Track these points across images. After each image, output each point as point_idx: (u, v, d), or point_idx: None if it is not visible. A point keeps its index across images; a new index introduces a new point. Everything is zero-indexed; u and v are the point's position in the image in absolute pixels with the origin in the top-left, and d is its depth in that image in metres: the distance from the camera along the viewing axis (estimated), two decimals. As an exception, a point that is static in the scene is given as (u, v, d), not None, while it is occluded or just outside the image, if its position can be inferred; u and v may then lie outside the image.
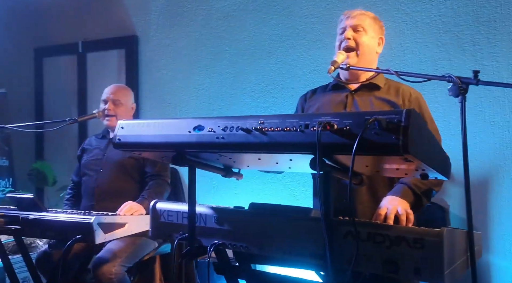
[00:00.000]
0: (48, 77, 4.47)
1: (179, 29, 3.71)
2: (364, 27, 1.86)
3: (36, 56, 4.50)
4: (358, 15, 1.88)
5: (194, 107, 3.63)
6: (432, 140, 1.23)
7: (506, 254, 2.58)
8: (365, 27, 1.87)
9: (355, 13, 1.89)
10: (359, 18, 1.87)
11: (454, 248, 1.20)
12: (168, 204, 1.65)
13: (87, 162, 2.77)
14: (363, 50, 1.84)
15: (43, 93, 4.47)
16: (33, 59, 4.50)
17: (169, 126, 1.42)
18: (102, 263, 2.23)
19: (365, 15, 1.89)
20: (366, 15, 1.89)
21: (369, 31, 1.87)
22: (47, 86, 4.46)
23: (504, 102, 2.64)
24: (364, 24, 1.87)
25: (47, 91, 4.45)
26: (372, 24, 1.89)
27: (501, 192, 2.64)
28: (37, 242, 3.37)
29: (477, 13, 2.72)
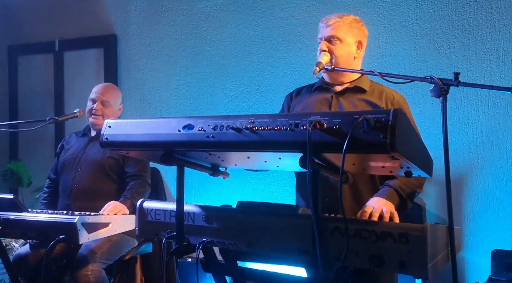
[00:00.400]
0: (23, 76, 4.36)
1: (159, 28, 3.70)
2: (339, 37, 1.87)
3: (10, 55, 4.39)
4: (334, 23, 1.87)
5: (174, 107, 3.63)
6: (417, 139, 1.28)
7: (479, 250, 2.69)
8: (340, 36, 1.87)
9: (332, 21, 1.88)
10: (333, 28, 1.87)
11: (436, 243, 1.25)
12: (155, 203, 1.65)
13: (65, 160, 2.74)
14: (337, 61, 1.87)
15: (17, 93, 4.36)
16: (7, 58, 4.39)
17: (158, 125, 1.43)
18: (79, 260, 2.21)
19: (341, 23, 1.88)
20: (342, 21, 1.88)
21: (344, 39, 1.88)
22: (22, 85, 4.36)
23: (477, 103, 2.75)
24: (339, 33, 1.87)
25: (22, 90, 4.35)
26: (348, 31, 1.89)
27: (475, 189, 2.75)
28: (13, 244, 3.30)
29: (452, 17, 2.82)
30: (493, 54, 2.72)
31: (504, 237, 2.65)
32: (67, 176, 2.69)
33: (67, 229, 1.91)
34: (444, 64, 2.82)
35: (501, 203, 2.69)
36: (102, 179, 2.63)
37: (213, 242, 1.50)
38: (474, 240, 2.72)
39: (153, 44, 3.73)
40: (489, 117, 2.72)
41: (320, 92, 2.00)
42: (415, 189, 1.79)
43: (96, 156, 2.65)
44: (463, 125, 2.78)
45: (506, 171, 2.68)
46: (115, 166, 2.64)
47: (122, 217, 2.24)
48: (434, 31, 2.85)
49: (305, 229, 1.33)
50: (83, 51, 4.09)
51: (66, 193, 2.65)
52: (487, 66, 2.74)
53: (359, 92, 1.92)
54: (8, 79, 4.38)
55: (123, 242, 2.51)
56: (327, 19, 1.92)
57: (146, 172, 2.71)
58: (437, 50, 2.85)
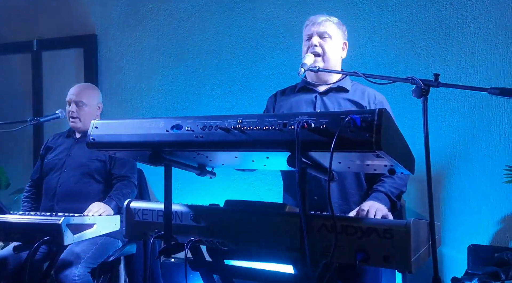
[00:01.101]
0: (0, 76, 4.28)
1: (141, 29, 3.69)
2: (329, 34, 1.94)
3: (-14, 54, 4.30)
4: (324, 21, 1.95)
5: (156, 108, 3.62)
6: (400, 138, 1.32)
7: (456, 245, 2.77)
8: (331, 33, 1.94)
9: (321, 20, 1.96)
10: (325, 25, 1.94)
11: (418, 238, 1.30)
12: (143, 203, 1.66)
13: (50, 161, 2.70)
14: (328, 57, 1.93)
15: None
16: (-17, 57, 4.30)
17: (147, 126, 1.44)
18: (65, 265, 2.19)
19: (330, 21, 1.96)
20: (331, 21, 1.96)
21: (334, 37, 1.95)
22: (-2, 85, 4.28)
23: (454, 104, 2.84)
24: (330, 31, 1.94)
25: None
26: (337, 30, 1.97)
27: (452, 187, 2.84)
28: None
29: (429, 20, 2.90)
30: (468, 56, 2.81)
31: (480, 232, 2.75)
32: (51, 177, 2.66)
33: (52, 230, 1.89)
34: (422, 65, 2.90)
35: (477, 200, 2.78)
36: (87, 180, 2.61)
37: (201, 241, 1.51)
38: (451, 235, 2.81)
39: (134, 44, 3.71)
40: (465, 117, 2.82)
41: (304, 92, 2.04)
42: (401, 189, 1.88)
43: (81, 158, 2.63)
44: (440, 125, 2.86)
45: (482, 169, 2.77)
46: (101, 168, 2.64)
47: (107, 217, 2.23)
48: (412, 33, 2.93)
49: (292, 226, 1.36)
50: (62, 51, 4.03)
51: (50, 194, 2.62)
52: (462, 67, 2.83)
53: (342, 91, 1.97)
54: (-16, 79, 4.29)
55: (108, 244, 2.50)
56: (316, 18, 1.98)
57: (133, 173, 2.70)
58: (415, 51, 2.93)
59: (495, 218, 2.73)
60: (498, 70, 2.75)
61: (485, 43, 2.78)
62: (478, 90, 1.43)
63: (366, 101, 1.93)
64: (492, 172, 2.72)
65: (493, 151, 2.75)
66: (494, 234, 2.72)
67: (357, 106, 1.90)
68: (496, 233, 2.72)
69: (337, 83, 1.98)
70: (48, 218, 1.97)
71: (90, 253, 2.34)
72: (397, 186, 1.84)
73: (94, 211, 2.26)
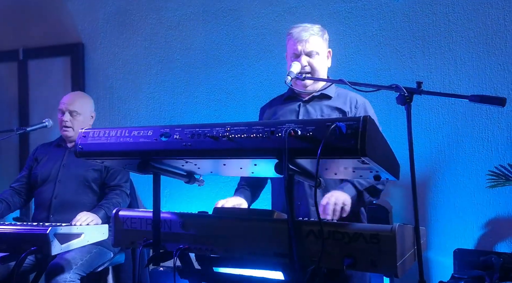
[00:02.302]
0: (-15, 85, 4.24)
1: (128, 37, 3.69)
2: (317, 51, 1.96)
3: (-29, 63, 4.26)
4: (309, 37, 1.94)
5: (145, 116, 3.61)
6: (385, 144, 1.35)
7: (442, 250, 2.81)
8: (318, 49, 1.96)
9: (306, 37, 1.94)
10: (310, 42, 1.94)
11: (404, 242, 1.33)
12: (131, 212, 1.66)
13: (42, 172, 2.67)
14: (319, 73, 1.97)
15: (-21, 103, 4.24)
16: (-32, 66, 4.26)
17: (135, 134, 1.45)
18: (57, 270, 2.18)
19: (315, 36, 1.96)
20: (315, 35, 1.96)
21: (321, 51, 1.98)
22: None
23: (438, 110, 2.89)
24: (317, 47, 1.96)
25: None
26: (322, 43, 1.99)
27: (437, 192, 2.88)
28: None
29: (413, 28, 2.96)
30: (452, 63, 2.87)
31: (466, 236, 2.79)
32: (44, 189, 2.63)
33: (39, 240, 1.88)
34: (407, 72, 2.96)
35: (462, 205, 2.83)
36: (84, 191, 2.60)
37: (190, 248, 1.52)
38: (437, 240, 2.85)
39: (122, 53, 3.71)
40: (449, 123, 2.87)
41: (289, 102, 2.07)
42: (374, 185, 1.87)
43: (78, 168, 2.61)
44: (425, 131, 2.91)
45: (466, 174, 2.82)
46: (98, 178, 2.63)
47: (94, 227, 2.23)
48: (397, 41, 2.99)
49: (280, 232, 1.37)
50: (48, 59, 4.01)
51: (45, 206, 2.59)
52: (446, 75, 2.89)
53: (325, 98, 2.00)
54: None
55: (101, 254, 2.49)
56: (300, 35, 1.96)
57: (126, 182, 2.70)
58: (400, 59, 2.98)
59: (480, 222, 2.78)
60: (480, 78, 2.82)
61: (467, 51, 2.85)
62: (459, 98, 1.47)
63: (348, 106, 1.96)
64: (476, 177, 2.77)
65: (477, 156, 2.80)
66: (479, 238, 2.77)
67: (340, 112, 1.93)
68: (481, 237, 2.77)
69: (321, 90, 2.01)
70: (35, 228, 1.96)
71: (83, 261, 2.33)
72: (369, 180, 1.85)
73: (81, 220, 2.25)
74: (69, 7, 3.90)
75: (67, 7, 3.90)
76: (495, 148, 2.77)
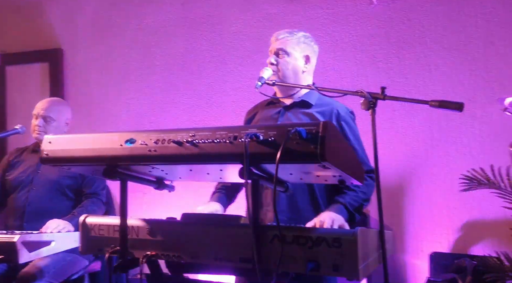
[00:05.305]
0: (-38, 91, 4.18)
1: (107, 43, 3.68)
2: (286, 51, 1.96)
3: None
4: (283, 37, 1.97)
5: (124, 121, 3.59)
6: (347, 150, 1.36)
7: (418, 253, 2.84)
8: (288, 50, 1.96)
9: (282, 36, 1.98)
10: (282, 42, 1.96)
11: (367, 246, 1.34)
12: (98, 218, 1.65)
13: (15, 178, 2.64)
14: (284, 73, 1.96)
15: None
16: None
17: (101, 140, 1.44)
18: (28, 279, 2.14)
19: (289, 38, 1.97)
20: (290, 37, 1.97)
21: (292, 53, 1.97)
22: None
23: (413, 115, 2.92)
24: (287, 47, 1.96)
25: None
26: (296, 45, 1.98)
27: (414, 196, 2.91)
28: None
29: (389, 34, 3.00)
30: (426, 69, 2.91)
31: (441, 240, 2.82)
32: (18, 196, 2.59)
33: (6, 249, 1.86)
34: (383, 78, 2.98)
35: (437, 208, 2.85)
36: (59, 198, 2.57)
37: (158, 255, 1.51)
38: (414, 243, 2.87)
39: (101, 58, 3.69)
40: (424, 129, 2.90)
41: (270, 108, 2.08)
42: (362, 203, 1.89)
43: (52, 175, 2.58)
44: (401, 136, 2.94)
45: (441, 178, 2.85)
46: (73, 185, 2.60)
47: (66, 234, 2.20)
48: (373, 47, 3.02)
49: (246, 238, 1.37)
50: (26, 65, 3.98)
51: (18, 213, 2.55)
52: (421, 80, 2.93)
53: (305, 106, 2.00)
54: None
55: (75, 262, 2.46)
56: (277, 34, 2.01)
57: (102, 190, 2.67)
58: (376, 65, 3.01)
59: (455, 225, 2.81)
60: (454, 83, 2.86)
61: (440, 57, 2.89)
62: (420, 103, 1.49)
63: (327, 117, 1.93)
64: (451, 181, 2.79)
65: (451, 160, 2.84)
66: (454, 242, 2.79)
67: None
68: (457, 241, 2.80)
69: (302, 97, 2.01)
70: (3, 236, 1.93)
71: (56, 269, 2.29)
72: (357, 198, 1.86)
73: (52, 227, 2.22)
74: (48, 13, 3.87)
75: (46, 13, 3.88)
76: (468, 151, 2.81)
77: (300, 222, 1.83)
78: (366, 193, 1.88)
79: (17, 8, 3.97)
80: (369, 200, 1.95)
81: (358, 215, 1.87)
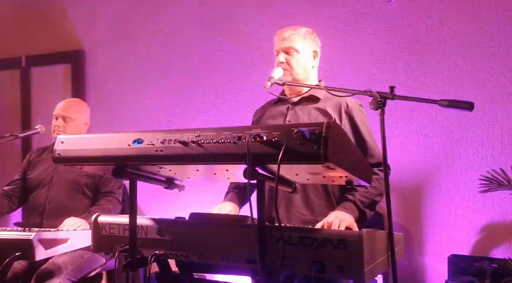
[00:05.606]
0: (-11, 92, 4.33)
1: (126, 44, 3.74)
2: (295, 48, 1.95)
3: (-24, 71, 4.35)
4: (289, 35, 1.96)
5: (143, 122, 3.64)
6: (353, 150, 1.34)
7: (436, 255, 2.77)
8: (296, 47, 1.96)
9: (286, 34, 1.97)
10: (289, 39, 1.96)
11: (374, 248, 1.31)
12: (110, 217, 1.68)
13: (36, 177, 2.70)
14: (296, 71, 1.95)
15: (-17, 110, 4.32)
16: (-27, 74, 4.35)
17: (110, 140, 1.46)
18: (46, 275, 2.19)
19: (296, 35, 1.97)
20: (296, 34, 1.97)
21: (301, 50, 1.97)
22: (-13, 102, 4.32)
23: (432, 114, 2.86)
24: (295, 44, 1.96)
25: (-12, 107, 4.31)
26: (303, 41, 1.97)
27: (433, 198, 2.84)
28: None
29: (407, 32, 2.94)
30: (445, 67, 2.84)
31: (461, 242, 2.75)
32: (39, 194, 2.65)
33: (23, 246, 1.91)
34: (401, 77, 2.93)
35: (457, 210, 2.78)
36: (77, 196, 2.62)
37: (166, 254, 1.52)
38: (432, 245, 2.81)
39: (120, 59, 3.76)
40: (444, 129, 2.84)
41: (279, 105, 2.07)
42: (374, 199, 1.85)
43: (71, 173, 2.63)
44: (420, 136, 2.88)
45: (461, 179, 2.78)
46: (91, 183, 2.65)
47: (82, 232, 2.24)
48: (391, 45, 2.97)
49: (252, 238, 1.37)
50: (50, 67, 4.08)
51: (38, 211, 2.62)
52: (441, 80, 2.85)
53: (313, 101, 1.98)
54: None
55: (92, 260, 2.50)
56: (282, 32, 2.00)
57: (119, 188, 2.71)
58: (394, 63, 2.96)
59: (475, 227, 2.73)
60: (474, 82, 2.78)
61: (461, 56, 2.81)
62: (429, 102, 1.45)
63: (336, 110, 1.92)
64: (471, 182, 2.72)
65: (472, 161, 2.76)
66: (474, 244, 2.72)
67: (325, 115, 1.90)
68: (477, 243, 2.72)
69: (309, 92, 1.99)
70: (19, 233, 1.99)
71: (74, 266, 2.34)
72: (369, 195, 1.82)
73: (68, 225, 2.27)
74: (70, 15, 3.96)
75: (69, 15, 3.97)
76: (489, 152, 2.73)
77: (315, 219, 1.82)
78: (378, 188, 1.83)
79: (41, 11, 4.08)
80: (382, 195, 1.89)
81: (370, 212, 1.83)
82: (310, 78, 2.01)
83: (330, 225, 1.62)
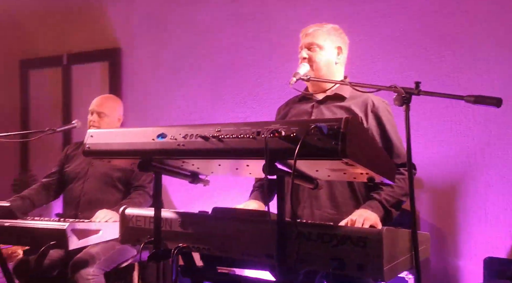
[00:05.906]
0: (34, 89, 4.53)
1: (160, 41, 3.81)
2: (318, 44, 1.94)
3: (21, 69, 4.57)
4: (313, 31, 1.95)
5: (175, 118, 3.71)
6: (374, 147, 1.32)
7: (471, 258, 2.68)
8: (319, 43, 1.94)
9: (310, 30, 1.96)
10: (313, 35, 1.95)
11: (395, 246, 1.29)
12: (136, 210, 1.72)
13: (72, 170, 2.81)
14: (318, 66, 1.93)
15: (28, 105, 4.53)
16: (19, 72, 4.57)
17: (136, 134, 1.51)
18: (80, 265, 2.28)
19: (319, 30, 1.95)
20: (320, 30, 1.95)
21: (324, 45, 1.94)
22: (32, 98, 4.53)
23: (468, 111, 2.76)
24: (318, 40, 1.94)
25: (33, 103, 4.52)
26: (327, 37, 1.95)
27: (467, 198, 2.75)
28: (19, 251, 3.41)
29: (442, 27, 2.84)
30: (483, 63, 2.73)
31: (497, 245, 2.64)
32: (74, 186, 2.76)
33: (57, 235, 1.99)
34: (435, 73, 2.84)
35: (494, 211, 2.68)
36: (110, 189, 2.70)
37: (189, 247, 1.55)
38: (467, 247, 2.72)
39: (154, 56, 3.84)
40: (480, 125, 2.73)
41: (303, 103, 2.05)
42: (399, 198, 1.82)
43: (103, 168, 2.72)
44: (454, 134, 2.79)
45: (498, 179, 2.67)
46: (122, 177, 2.73)
47: (113, 224, 2.31)
48: (424, 41, 2.90)
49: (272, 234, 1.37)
50: (89, 64, 4.23)
51: (73, 203, 2.73)
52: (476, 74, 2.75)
53: (338, 99, 1.96)
54: (19, 92, 4.55)
55: (124, 251, 2.58)
56: (306, 29, 2.00)
57: (149, 182, 2.77)
58: (428, 59, 2.88)
59: (512, 229, 2.62)
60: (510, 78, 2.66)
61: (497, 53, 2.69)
62: (455, 98, 1.40)
63: (362, 108, 1.89)
64: (508, 182, 2.61)
65: (509, 160, 2.64)
66: (511, 246, 2.61)
67: (351, 114, 1.87)
68: (514, 246, 2.61)
69: (335, 90, 1.97)
70: (54, 223, 2.07)
71: (106, 257, 2.43)
72: (394, 194, 1.79)
73: (100, 217, 2.35)
74: (108, 13, 4.09)
75: (106, 13, 4.09)
76: (529, 151, 2.61)
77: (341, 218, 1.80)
78: (404, 187, 1.79)
79: (80, 10, 4.23)
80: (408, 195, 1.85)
81: (396, 212, 1.79)
82: (334, 75, 1.98)
83: (354, 223, 1.59)
